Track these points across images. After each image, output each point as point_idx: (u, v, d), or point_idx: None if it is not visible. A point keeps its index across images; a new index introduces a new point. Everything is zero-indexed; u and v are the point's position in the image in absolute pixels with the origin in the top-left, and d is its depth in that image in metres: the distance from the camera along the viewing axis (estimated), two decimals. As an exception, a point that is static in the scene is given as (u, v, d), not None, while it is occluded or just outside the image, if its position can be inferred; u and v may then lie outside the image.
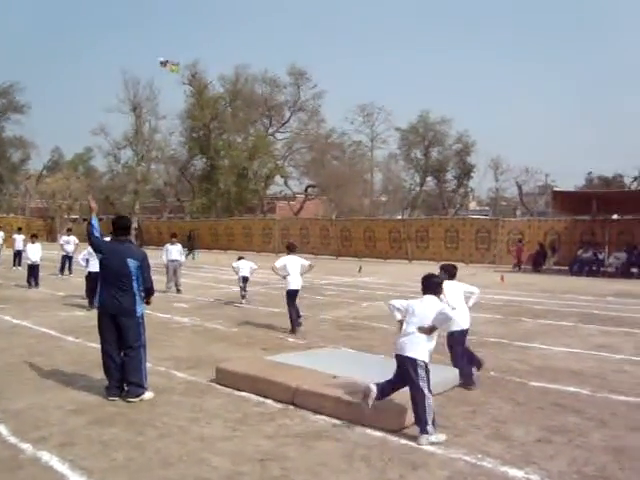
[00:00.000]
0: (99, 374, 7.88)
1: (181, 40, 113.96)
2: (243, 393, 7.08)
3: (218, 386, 7.46)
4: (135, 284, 7.00)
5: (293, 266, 11.74)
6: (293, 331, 11.41)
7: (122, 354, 7.02)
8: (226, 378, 7.53)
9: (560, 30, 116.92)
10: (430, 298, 6.11)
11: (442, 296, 6.37)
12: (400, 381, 5.83)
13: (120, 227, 7.33)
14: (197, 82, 56.41)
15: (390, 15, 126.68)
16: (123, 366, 6.96)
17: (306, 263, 12.17)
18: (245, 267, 15.63)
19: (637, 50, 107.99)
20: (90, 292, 14.55)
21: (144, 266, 7.11)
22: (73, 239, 23.28)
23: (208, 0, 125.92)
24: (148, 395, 6.91)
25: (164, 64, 38.63)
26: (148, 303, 7.37)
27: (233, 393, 7.13)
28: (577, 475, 4.84)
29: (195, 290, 18.39)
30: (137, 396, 6.84)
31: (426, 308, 5.95)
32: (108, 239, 7.81)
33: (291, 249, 12.12)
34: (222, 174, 54.54)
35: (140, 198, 59.21)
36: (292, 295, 11.70)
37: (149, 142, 60.06)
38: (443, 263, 8.46)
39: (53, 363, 8.72)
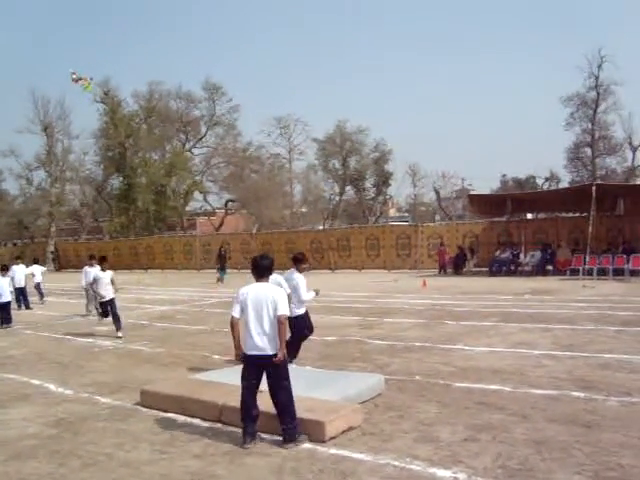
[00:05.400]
0: (16, 407, 7.67)
1: (91, 57, 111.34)
2: (170, 414, 6.95)
3: (144, 409, 7.31)
4: None
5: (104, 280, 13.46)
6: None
7: None
8: (152, 400, 7.39)
9: (472, 34, 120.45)
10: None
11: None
12: None
13: None
14: (110, 100, 55.39)
15: (298, 25, 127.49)
16: None
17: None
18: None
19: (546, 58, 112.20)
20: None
21: None
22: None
23: (116, 17, 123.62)
24: None
25: (77, 80, 37.52)
26: None
27: (159, 415, 7.00)
28: (501, 470, 4.97)
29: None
30: None
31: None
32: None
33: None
34: (140, 192, 53.63)
35: (56, 220, 57.52)
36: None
37: (63, 163, 58.66)
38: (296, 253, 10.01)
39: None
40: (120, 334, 13.15)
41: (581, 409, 6.54)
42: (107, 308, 13.42)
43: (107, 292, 13.38)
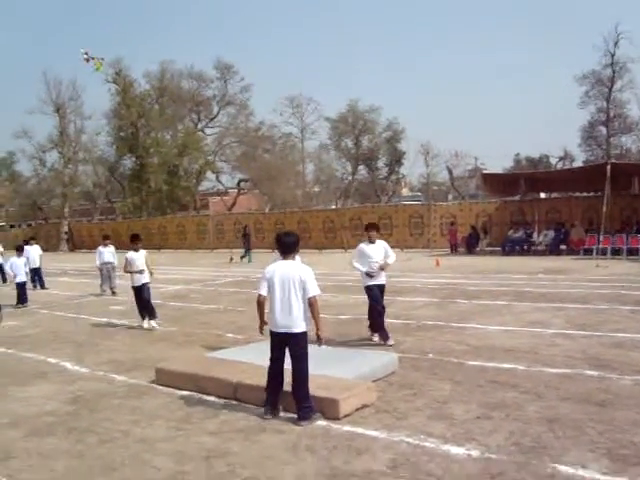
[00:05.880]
0: (34, 384, 7.76)
1: (103, 37, 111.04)
2: (185, 392, 7.02)
3: (159, 387, 7.38)
4: None
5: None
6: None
7: None
8: (167, 378, 7.45)
9: (488, 15, 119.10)
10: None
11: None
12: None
13: None
14: (122, 80, 55.18)
15: (312, 4, 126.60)
16: None
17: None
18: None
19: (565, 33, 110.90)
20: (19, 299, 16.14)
21: None
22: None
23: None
24: None
25: (88, 60, 37.44)
26: None
27: (174, 393, 7.06)
28: (515, 447, 4.99)
29: (131, 292, 18.05)
30: None
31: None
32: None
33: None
34: (152, 172, 53.61)
35: (69, 201, 57.69)
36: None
37: (75, 143, 58.60)
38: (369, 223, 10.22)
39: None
40: (153, 324, 11.78)
41: (595, 388, 6.54)
42: (142, 295, 11.90)
43: (141, 276, 11.91)
